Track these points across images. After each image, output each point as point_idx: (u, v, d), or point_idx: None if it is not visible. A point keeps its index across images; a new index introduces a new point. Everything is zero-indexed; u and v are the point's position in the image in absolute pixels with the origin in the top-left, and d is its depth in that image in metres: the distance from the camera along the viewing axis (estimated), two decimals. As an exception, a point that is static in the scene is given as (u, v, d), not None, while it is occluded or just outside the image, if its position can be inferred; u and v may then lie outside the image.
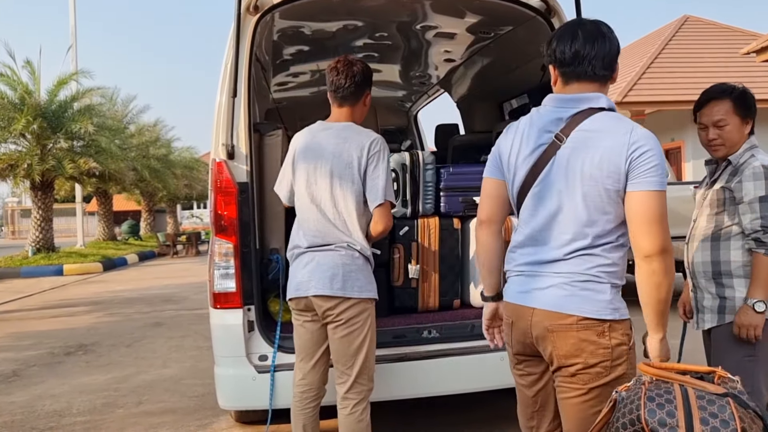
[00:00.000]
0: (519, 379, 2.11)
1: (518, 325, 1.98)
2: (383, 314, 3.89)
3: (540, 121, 1.97)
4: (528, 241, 1.98)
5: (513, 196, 2.04)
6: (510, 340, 2.06)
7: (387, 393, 3.35)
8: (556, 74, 2.00)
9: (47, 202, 16.79)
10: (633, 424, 1.55)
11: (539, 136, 1.95)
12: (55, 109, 16.27)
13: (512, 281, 2.03)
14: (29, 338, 7.30)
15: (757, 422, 1.50)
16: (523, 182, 1.98)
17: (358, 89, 2.81)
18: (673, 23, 18.95)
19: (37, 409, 4.63)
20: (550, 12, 3.56)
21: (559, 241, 1.90)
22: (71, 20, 19.23)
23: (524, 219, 2.00)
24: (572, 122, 1.90)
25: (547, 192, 1.92)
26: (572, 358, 1.85)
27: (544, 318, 1.89)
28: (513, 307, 2.00)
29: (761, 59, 10.60)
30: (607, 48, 1.93)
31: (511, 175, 2.01)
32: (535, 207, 1.96)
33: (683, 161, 16.42)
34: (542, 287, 1.91)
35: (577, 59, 1.92)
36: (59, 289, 12.34)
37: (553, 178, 1.91)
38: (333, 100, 2.85)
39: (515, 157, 1.99)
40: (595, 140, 1.86)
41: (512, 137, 2.03)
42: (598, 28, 1.96)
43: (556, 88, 2.02)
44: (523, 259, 1.99)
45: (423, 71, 5.72)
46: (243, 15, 3.23)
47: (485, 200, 2.13)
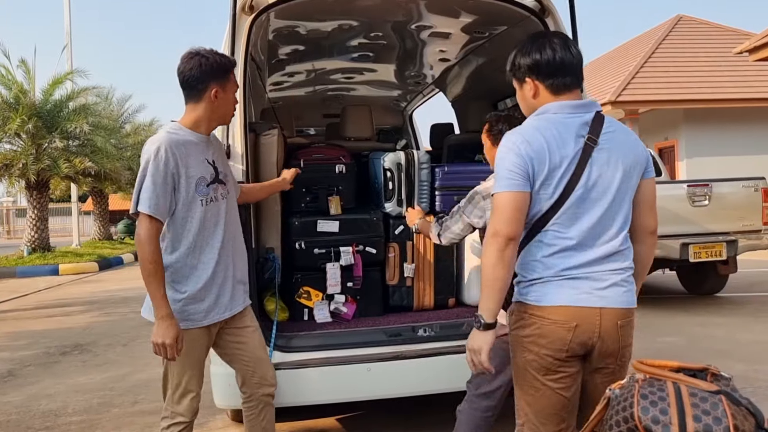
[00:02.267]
0: (554, 384, 2.03)
1: (583, 328, 1.97)
2: (379, 313, 3.92)
3: (571, 127, 2.01)
4: (574, 244, 2.00)
5: (548, 202, 2.00)
6: (563, 346, 1.99)
7: (382, 391, 3.37)
8: (540, 86, 2.07)
9: (42, 201, 16.73)
10: (626, 421, 1.57)
11: (576, 140, 2.00)
12: (50, 108, 16.21)
13: (560, 285, 2.00)
14: (25, 338, 7.29)
15: (749, 419, 1.52)
16: (565, 187, 1.98)
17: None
18: (666, 23, 19.01)
19: (33, 409, 4.63)
20: (544, 12, 3.57)
21: (607, 238, 2.01)
22: (66, 20, 19.16)
23: (563, 223, 2.00)
24: (595, 125, 2.02)
25: (590, 194, 2.00)
26: (629, 347, 2.06)
27: (614, 316, 2.00)
28: (573, 311, 1.98)
29: (754, 58, 10.64)
30: (580, 56, 2.09)
31: (553, 182, 1.98)
32: (577, 210, 1.99)
33: (677, 160, 16.48)
34: (602, 287, 1.99)
35: (564, 69, 2.04)
36: (55, 288, 12.31)
37: (595, 180, 2.00)
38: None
39: (557, 164, 1.98)
40: (620, 140, 2.05)
41: (544, 145, 1.97)
42: (566, 40, 2.10)
43: (541, 99, 2.08)
44: (567, 263, 2.00)
45: (418, 71, 5.73)
46: (238, 15, 3.24)
47: (515, 215, 1.96)
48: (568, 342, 1.98)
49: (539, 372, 2.03)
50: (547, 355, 2.00)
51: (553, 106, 2.04)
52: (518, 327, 2.07)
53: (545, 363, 2.01)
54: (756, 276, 9.71)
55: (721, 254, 7.13)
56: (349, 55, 5.02)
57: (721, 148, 15.87)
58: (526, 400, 2.09)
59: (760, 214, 7.36)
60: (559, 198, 1.98)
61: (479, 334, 2.01)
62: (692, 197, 7.23)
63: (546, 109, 2.05)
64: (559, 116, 2.03)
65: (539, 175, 1.98)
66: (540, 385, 2.04)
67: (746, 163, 14.97)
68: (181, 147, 2.51)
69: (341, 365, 3.27)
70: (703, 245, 7.07)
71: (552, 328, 1.99)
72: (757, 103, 15.43)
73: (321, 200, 3.92)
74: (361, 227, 3.85)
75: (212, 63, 2.51)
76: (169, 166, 2.46)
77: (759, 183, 7.44)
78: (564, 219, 1.99)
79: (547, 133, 1.99)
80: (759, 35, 10.49)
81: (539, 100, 2.09)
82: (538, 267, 2.02)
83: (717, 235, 7.16)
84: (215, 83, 2.52)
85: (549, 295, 2.00)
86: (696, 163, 15.90)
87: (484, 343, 2.00)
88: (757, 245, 7.40)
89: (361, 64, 5.38)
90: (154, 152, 2.45)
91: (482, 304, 2.00)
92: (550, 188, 1.99)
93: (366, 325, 3.65)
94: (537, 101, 2.09)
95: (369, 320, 3.78)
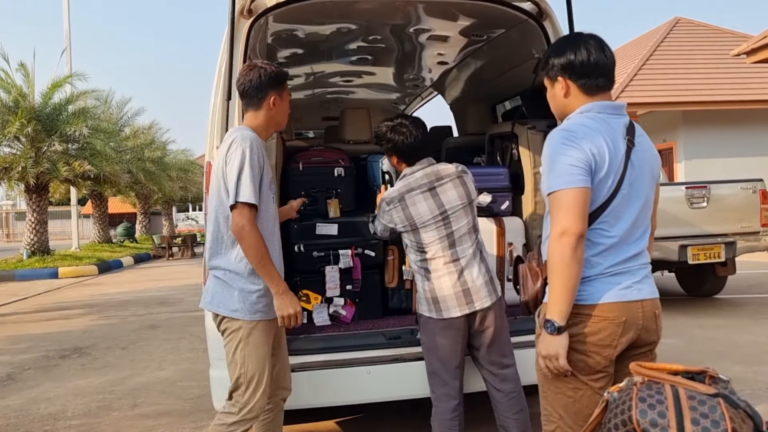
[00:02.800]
0: (596, 384, 2.02)
1: (630, 322, 2.02)
2: (378, 315, 3.92)
3: (617, 127, 2.06)
4: (616, 242, 2.03)
5: (601, 200, 2.01)
6: (612, 342, 2.00)
7: (381, 394, 3.37)
8: (572, 85, 2.10)
9: (42, 204, 16.73)
10: (625, 424, 1.57)
11: (622, 141, 2.05)
12: (49, 111, 16.22)
13: (605, 282, 2.02)
14: (24, 341, 7.29)
15: (747, 422, 1.52)
16: (617, 185, 2.02)
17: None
18: (664, 25, 19.03)
19: (32, 413, 4.63)
20: (541, 15, 3.59)
21: (638, 235, 2.10)
22: (65, 23, 19.19)
23: (609, 222, 2.02)
24: (630, 127, 2.09)
25: (633, 193, 2.05)
26: (661, 332, 2.16)
27: (653, 306, 2.09)
28: (621, 306, 2.01)
29: (751, 60, 10.66)
30: (613, 59, 2.13)
31: (609, 178, 2.00)
32: (621, 209, 2.04)
33: (675, 162, 16.49)
34: (637, 280, 2.07)
35: (597, 70, 2.08)
36: (54, 292, 12.30)
37: (636, 180, 2.06)
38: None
39: (614, 160, 2.01)
40: (646, 144, 2.13)
41: (602, 141, 1.99)
42: (601, 41, 2.12)
43: (573, 99, 2.11)
44: (611, 261, 2.03)
45: (416, 74, 5.74)
46: (237, 18, 3.24)
47: (583, 211, 1.94)
48: (617, 337, 2.00)
49: (582, 372, 2.01)
50: (595, 353, 2.00)
51: (597, 105, 2.07)
52: None
53: (591, 362, 2.01)
54: (754, 278, 9.72)
55: (719, 256, 7.13)
56: (348, 58, 5.03)
57: (719, 150, 15.88)
58: (563, 404, 2.05)
59: (759, 216, 7.37)
60: (611, 195, 2.01)
61: (554, 339, 1.96)
62: (691, 199, 7.24)
63: (590, 108, 2.08)
64: (604, 116, 2.07)
65: (599, 172, 1.98)
66: (581, 385, 2.01)
67: (744, 164, 14.99)
68: (262, 147, 2.68)
69: (340, 368, 3.27)
70: (701, 247, 7.08)
71: (603, 325, 1.99)
72: (755, 105, 15.45)
73: (320, 203, 3.93)
74: (360, 230, 3.85)
75: (270, 73, 2.71)
76: (260, 161, 2.61)
77: (757, 185, 7.45)
78: (610, 218, 2.02)
79: (601, 130, 2.02)
80: (756, 37, 10.51)
81: (571, 99, 2.12)
82: (586, 266, 2.00)
83: (715, 237, 7.16)
84: (273, 92, 2.72)
85: (597, 293, 2.01)
86: (694, 165, 15.91)
87: (561, 347, 1.95)
88: (755, 247, 7.41)
89: (359, 67, 5.39)
90: (249, 147, 2.57)
91: (554, 307, 1.95)
92: (606, 186, 2.00)
93: (365, 328, 3.65)
94: (569, 101, 2.13)
95: (368, 323, 3.78)
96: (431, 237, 2.98)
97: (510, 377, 3.04)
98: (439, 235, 2.97)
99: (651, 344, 2.12)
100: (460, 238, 2.99)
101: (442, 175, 3.04)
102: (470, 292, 2.94)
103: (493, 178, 4.02)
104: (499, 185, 4.02)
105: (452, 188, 3.02)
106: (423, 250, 3.00)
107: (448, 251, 2.97)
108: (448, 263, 2.97)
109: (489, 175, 4.04)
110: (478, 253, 3.04)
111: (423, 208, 2.98)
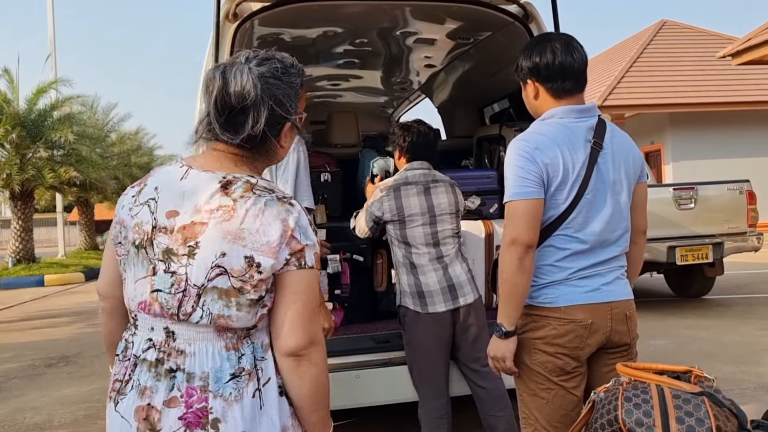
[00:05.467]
0: (568, 384, 2.04)
1: (597, 324, 2.02)
2: (367, 320, 3.90)
3: (579, 132, 2.04)
4: (583, 247, 2.02)
5: (561, 207, 2.01)
6: (580, 344, 2.01)
7: (371, 398, 3.35)
8: (540, 88, 2.09)
9: (27, 212, 16.58)
10: (611, 424, 1.57)
11: (585, 145, 2.03)
12: (34, 117, 16.09)
13: (573, 285, 2.02)
14: (10, 350, 7.21)
15: (732, 420, 1.52)
16: (577, 192, 2.00)
17: None
18: (650, 28, 19.20)
19: (18, 422, 4.57)
20: (527, 18, 3.60)
21: (614, 238, 2.07)
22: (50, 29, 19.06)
23: (575, 227, 2.02)
24: (599, 129, 2.06)
25: (599, 197, 2.04)
26: (636, 336, 2.13)
27: (623, 308, 2.08)
28: (588, 308, 2.01)
29: (737, 62, 10.76)
30: (583, 59, 2.09)
31: (566, 187, 2.00)
32: (588, 214, 2.02)
33: (663, 164, 16.62)
34: (608, 281, 2.06)
35: (564, 73, 2.05)
36: (40, 300, 12.18)
37: (602, 184, 2.04)
38: None
39: (570, 169, 1.99)
40: (621, 144, 2.10)
41: (557, 151, 1.98)
42: (570, 42, 2.09)
43: (542, 102, 2.10)
44: (579, 264, 2.03)
45: (404, 77, 5.74)
46: (222, 22, 3.23)
47: (532, 222, 1.97)
48: (584, 339, 2.01)
49: (553, 373, 2.03)
50: (564, 354, 2.01)
51: (559, 110, 2.06)
52: (528, 330, 2.05)
53: (560, 363, 2.02)
54: (742, 278, 9.79)
55: (707, 257, 7.19)
56: (335, 61, 5.03)
57: (706, 151, 16.03)
58: (537, 406, 2.07)
59: (746, 217, 7.43)
60: (571, 203, 2.00)
61: (502, 343, 2.03)
62: (678, 200, 7.29)
63: (552, 114, 2.06)
64: (566, 121, 2.05)
65: (554, 181, 1.99)
66: (553, 386, 2.03)
67: (731, 165, 15.14)
68: None
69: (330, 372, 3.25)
70: (689, 248, 7.12)
71: (569, 327, 2.00)
72: (741, 107, 15.61)
73: (307, 208, 3.91)
74: (349, 235, 3.84)
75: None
76: None
77: (744, 186, 7.51)
78: (575, 223, 2.02)
79: (558, 138, 2.00)
80: (741, 39, 10.61)
81: (540, 102, 2.11)
82: (551, 271, 2.03)
83: (703, 238, 7.21)
84: None
85: (564, 296, 2.02)
86: (682, 166, 16.05)
87: (508, 350, 2.03)
88: (742, 247, 7.46)
89: (347, 71, 5.39)
90: None
91: (502, 312, 2.01)
92: (563, 193, 2.00)
93: (354, 332, 3.64)
94: (538, 103, 2.12)
95: (357, 327, 3.77)
96: (417, 232, 3.08)
97: (492, 374, 3.05)
98: (424, 232, 3.08)
99: (624, 345, 2.09)
100: (444, 239, 3.11)
101: (438, 179, 3.20)
102: (455, 287, 3.05)
103: (482, 181, 4.03)
104: (489, 188, 4.03)
105: (444, 193, 3.16)
106: (408, 243, 3.08)
107: (432, 249, 3.08)
108: (432, 260, 3.07)
109: (479, 178, 4.05)
110: (459, 253, 3.16)
111: (414, 202, 3.10)
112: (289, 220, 1.40)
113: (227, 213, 1.38)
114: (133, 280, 1.45)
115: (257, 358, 1.43)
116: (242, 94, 1.40)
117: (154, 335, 1.43)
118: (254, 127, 1.41)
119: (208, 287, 1.37)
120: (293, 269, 1.40)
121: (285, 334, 1.42)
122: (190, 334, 1.40)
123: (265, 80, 1.43)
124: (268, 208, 1.39)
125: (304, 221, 1.43)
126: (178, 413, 1.37)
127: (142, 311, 1.44)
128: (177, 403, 1.37)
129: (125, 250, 1.47)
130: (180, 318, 1.39)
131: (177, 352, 1.40)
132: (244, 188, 1.41)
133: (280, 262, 1.39)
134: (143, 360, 1.43)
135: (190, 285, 1.38)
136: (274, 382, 1.46)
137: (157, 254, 1.41)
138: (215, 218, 1.38)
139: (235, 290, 1.37)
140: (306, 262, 1.42)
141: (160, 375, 1.40)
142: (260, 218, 1.38)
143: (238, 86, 1.40)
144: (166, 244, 1.41)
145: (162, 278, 1.41)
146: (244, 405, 1.39)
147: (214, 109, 1.43)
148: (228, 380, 1.39)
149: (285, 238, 1.38)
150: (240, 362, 1.40)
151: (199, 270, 1.37)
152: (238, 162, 1.48)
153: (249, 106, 1.41)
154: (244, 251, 1.36)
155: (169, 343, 1.41)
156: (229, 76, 1.42)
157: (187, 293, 1.38)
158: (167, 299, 1.40)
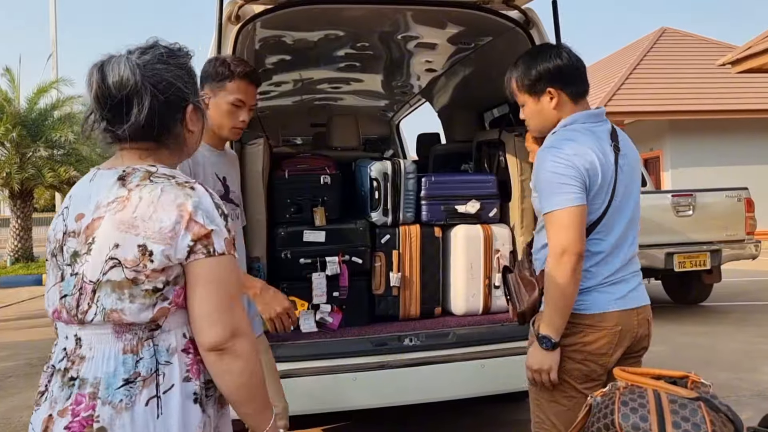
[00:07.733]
0: (590, 392, 1.96)
1: (626, 330, 2.04)
2: (365, 322, 3.91)
3: (603, 136, 2.05)
4: (611, 251, 2.03)
5: (597, 213, 2.00)
6: (609, 350, 2.01)
7: (368, 401, 3.35)
8: (562, 95, 2.06)
9: (26, 211, 16.56)
10: (607, 428, 1.57)
11: (609, 149, 2.03)
12: (35, 117, 16.09)
13: (604, 292, 2.03)
14: (6, 349, 7.20)
15: (728, 425, 1.53)
16: (610, 197, 2.01)
17: None
18: (650, 35, 19.25)
19: (14, 421, 4.56)
20: (528, 24, 3.61)
21: (630, 242, 2.09)
22: (52, 29, 19.08)
23: (602, 231, 2.02)
24: (614, 133, 2.09)
25: (624, 202, 2.06)
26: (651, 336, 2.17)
27: (647, 313, 2.12)
28: (618, 315, 2.03)
29: (736, 70, 10.79)
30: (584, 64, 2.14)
31: (603, 192, 2.00)
32: (614, 218, 2.03)
33: (662, 170, 16.64)
34: (632, 287, 2.09)
35: (581, 75, 2.09)
36: (38, 298, 12.15)
37: (625, 188, 2.06)
38: None
39: (605, 174, 1.99)
40: (629, 148, 2.12)
41: (594, 156, 1.98)
42: (568, 48, 2.14)
43: (562, 109, 2.08)
44: (607, 270, 2.03)
45: (405, 81, 5.76)
46: (224, 24, 3.24)
47: (582, 230, 1.94)
48: (614, 346, 2.02)
49: (579, 380, 2.02)
50: (592, 361, 2.02)
51: (581, 116, 2.05)
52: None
53: (587, 370, 2.02)
54: (740, 285, 9.80)
55: (705, 264, 7.19)
56: (336, 64, 5.04)
57: (705, 158, 16.05)
58: (556, 412, 2.05)
59: (744, 224, 7.44)
60: (606, 208, 2.01)
61: (547, 355, 1.99)
62: (677, 207, 7.30)
63: (574, 119, 2.05)
64: (589, 125, 2.05)
65: (593, 186, 1.98)
66: (576, 394, 2.03)
67: (730, 173, 15.15)
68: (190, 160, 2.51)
69: (327, 375, 3.26)
70: (687, 255, 7.13)
71: (601, 334, 2.01)
72: (740, 115, 15.64)
73: (305, 211, 3.90)
74: (348, 237, 3.85)
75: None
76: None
77: (742, 193, 7.52)
78: (604, 228, 2.02)
79: (589, 143, 2.00)
80: (741, 48, 10.65)
81: (559, 109, 2.08)
82: (585, 276, 2.00)
83: (701, 245, 7.22)
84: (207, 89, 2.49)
85: (597, 303, 2.02)
86: (680, 173, 16.06)
87: (555, 362, 1.99)
88: (740, 255, 7.47)
89: (348, 74, 5.40)
90: None
91: (551, 323, 1.97)
92: (600, 198, 2.00)
93: (352, 335, 3.63)
94: (557, 111, 2.08)
95: (355, 330, 3.76)
96: None
97: None
98: None
99: (642, 350, 2.15)
100: None
101: None
102: None
103: (481, 185, 4.04)
104: (488, 192, 4.04)
105: None
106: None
107: None
108: None
109: (477, 182, 4.06)
110: None
111: None
112: (188, 203, 1.32)
113: (121, 203, 1.33)
114: (48, 289, 1.43)
115: (159, 363, 1.33)
116: (121, 83, 1.35)
117: (68, 344, 1.38)
118: (140, 114, 1.36)
119: (102, 281, 1.31)
120: (201, 257, 1.32)
121: (203, 328, 1.33)
122: (92, 338, 1.34)
123: (151, 66, 1.38)
124: (164, 193, 1.32)
125: (208, 204, 1.35)
126: (65, 423, 1.31)
127: (57, 320, 1.40)
128: (66, 413, 1.32)
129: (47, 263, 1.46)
130: (79, 319, 1.34)
131: (80, 359, 1.34)
132: (141, 177, 1.36)
133: (180, 250, 1.31)
134: (58, 370, 1.39)
135: (86, 282, 1.33)
136: (181, 389, 1.35)
137: (66, 259, 1.38)
138: (110, 210, 1.33)
139: (128, 281, 1.30)
140: (215, 249, 1.33)
141: (64, 384, 1.35)
142: (154, 204, 1.31)
143: (116, 76, 1.36)
144: (74, 247, 1.37)
145: (68, 282, 1.37)
146: (135, 413, 1.30)
147: (95, 103, 1.39)
148: (120, 386, 1.30)
149: (182, 223, 1.31)
150: (137, 367, 1.32)
151: (95, 265, 1.32)
152: (143, 155, 1.43)
153: (131, 94, 1.36)
154: (137, 240, 1.30)
155: (76, 350, 1.36)
156: (107, 68, 1.37)
157: (84, 290, 1.33)
158: (69, 302, 1.35)
